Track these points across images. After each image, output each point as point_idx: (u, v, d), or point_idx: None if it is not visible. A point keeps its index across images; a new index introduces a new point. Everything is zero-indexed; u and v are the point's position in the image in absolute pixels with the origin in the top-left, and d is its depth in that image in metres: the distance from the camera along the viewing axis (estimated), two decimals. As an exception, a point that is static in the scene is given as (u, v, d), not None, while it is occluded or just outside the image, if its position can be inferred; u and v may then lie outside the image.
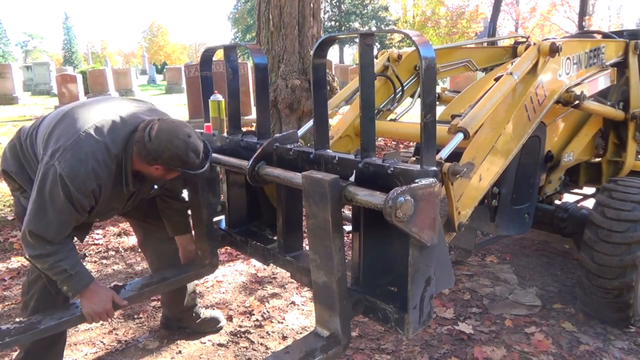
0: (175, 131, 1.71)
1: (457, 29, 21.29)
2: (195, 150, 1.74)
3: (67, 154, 1.67)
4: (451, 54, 2.94)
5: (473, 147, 1.86)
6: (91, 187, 1.70)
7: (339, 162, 1.44)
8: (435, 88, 1.28)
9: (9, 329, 1.70)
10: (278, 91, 5.49)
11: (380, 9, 36.84)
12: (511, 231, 2.44)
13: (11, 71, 15.10)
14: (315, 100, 1.49)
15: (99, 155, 1.70)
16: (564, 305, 2.76)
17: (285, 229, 1.75)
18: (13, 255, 3.60)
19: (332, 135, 2.31)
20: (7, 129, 8.98)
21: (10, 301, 2.93)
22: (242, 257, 3.47)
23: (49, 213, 1.69)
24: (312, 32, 5.63)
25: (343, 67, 17.29)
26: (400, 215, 1.12)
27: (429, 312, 1.34)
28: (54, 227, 1.72)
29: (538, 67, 2.09)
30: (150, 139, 1.70)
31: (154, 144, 1.69)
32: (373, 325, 2.54)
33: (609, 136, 3.00)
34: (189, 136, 1.73)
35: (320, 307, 1.45)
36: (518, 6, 25.79)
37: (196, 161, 1.75)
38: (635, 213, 2.28)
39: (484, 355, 2.30)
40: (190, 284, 2.44)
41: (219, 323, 2.58)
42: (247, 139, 1.88)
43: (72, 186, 1.65)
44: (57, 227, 1.73)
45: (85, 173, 1.67)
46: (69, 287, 1.81)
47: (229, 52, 1.91)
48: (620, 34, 3.03)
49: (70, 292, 1.84)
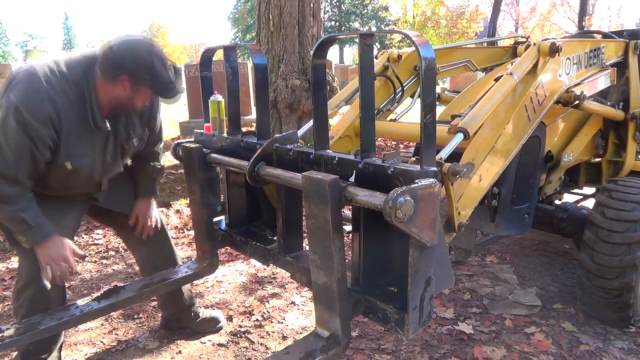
0: (138, 41, 1.70)
1: (457, 29, 21.29)
2: (160, 58, 1.68)
3: (20, 85, 1.63)
4: (451, 54, 2.94)
5: (473, 148, 1.86)
6: (46, 111, 1.63)
7: (339, 162, 1.43)
8: (435, 88, 1.28)
9: (9, 329, 1.70)
10: (278, 91, 5.48)
11: (380, 9, 36.83)
12: (511, 231, 2.44)
13: (11, 71, 15.07)
14: (315, 101, 1.49)
15: (54, 81, 1.66)
16: (564, 305, 2.76)
17: (285, 229, 1.75)
18: (13, 255, 3.60)
19: (332, 135, 2.31)
20: (7, 129, 8.96)
21: (10, 301, 2.93)
22: (242, 257, 3.47)
23: (4, 147, 1.63)
24: (312, 32, 5.62)
25: (343, 67, 17.29)
26: (400, 216, 1.12)
27: (429, 312, 1.34)
28: (12, 162, 1.64)
29: (538, 67, 2.09)
30: (112, 51, 1.65)
31: (116, 53, 1.64)
32: (373, 325, 2.54)
33: (609, 136, 3.00)
34: (152, 46, 1.71)
35: (320, 308, 1.45)
36: (518, 6, 25.79)
37: (164, 73, 1.69)
38: (635, 213, 2.28)
39: (484, 355, 2.30)
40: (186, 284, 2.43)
41: (219, 323, 2.58)
42: (247, 139, 1.88)
43: (26, 113, 1.60)
44: (15, 162, 1.65)
45: (39, 98, 1.62)
46: (27, 238, 1.75)
47: (229, 53, 1.91)
48: (620, 34, 3.03)
49: (28, 244, 1.77)
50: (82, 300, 1.86)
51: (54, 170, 1.80)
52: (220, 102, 3.87)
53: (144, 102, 1.83)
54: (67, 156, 1.77)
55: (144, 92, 1.75)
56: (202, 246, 2.09)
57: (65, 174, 1.82)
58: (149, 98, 1.82)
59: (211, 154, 1.93)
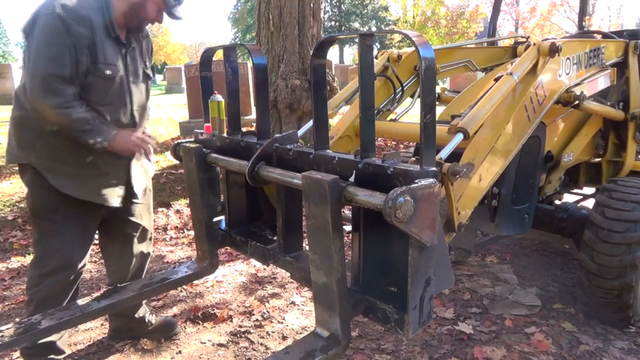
0: None
1: (457, 29, 21.26)
2: None
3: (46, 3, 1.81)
4: (451, 54, 2.94)
5: (473, 148, 1.86)
6: (81, 13, 1.82)
7: (339, 162, 1.43)
8: (435, 88, 1.27)
9: (9, 329, 1.70)
10: (278, 91, 5.48)
11: (380, 9, 36.83)
12: (511, 231, 2.44)
13: (11, 71, 15.10)
14: (315, 101, 1.49)
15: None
16: (564, 305, 2.76)
17: (285, 229, 1.75)
18: (13, 255, 3.60)
19: (332, 135, 2.31)
20: (7, 129, 8.98)
21: (10, 301, 2.93)
22: (242, 257, 3.47)
23: (52, 50, 1.77)
24: (312, 32, 5.62)
25: (343, 67, 17.29)
26: (400, 216, 1.12)
27: (428, 312, 1.34)
28: (64, 61, 1.79)
29: (538, 67, 2.09)
30: None
31: None
32: (373, 325, 2.54)
33: (609, 136, 3.00)
34: None
35: (320, 308, 1.44)
36: (518, 6, 25.79)
37: None
38: (635, 213, 2.28)
39: (484, 355, 2.30)
40: None
41: (173, 329, 2.51)
42: (247, 139, 1.87)
43: (64, 14, 1.77)
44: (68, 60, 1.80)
45: (72, 4, 1.82)
46: (97, 139, 1.88)
47: (229, 53, 1.91)
48: (620, 34, 3.03)
49: (106, 141, 1.90)
50: (82, 300, 1.86)
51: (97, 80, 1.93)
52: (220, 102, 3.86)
53: (155, 13, 2.03)
54: (104, 62, 1.92)
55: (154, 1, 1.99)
56: (202, 246, 2.09)
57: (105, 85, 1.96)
58: (158, 7, 2.03)
59: (211, 154, 1.93)
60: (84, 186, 1.98)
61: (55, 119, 1.85)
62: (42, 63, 1.77)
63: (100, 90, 1.96)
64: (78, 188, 1.97)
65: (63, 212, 1.97)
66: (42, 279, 2.00)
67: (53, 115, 1.84)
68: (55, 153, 1.94)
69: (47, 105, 1.80)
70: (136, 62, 2.11)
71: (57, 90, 1.79)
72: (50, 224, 1.97)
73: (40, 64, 1.78)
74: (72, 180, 1.96)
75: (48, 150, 1.94)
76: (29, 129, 1.95)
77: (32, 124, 1.93)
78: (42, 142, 1.93)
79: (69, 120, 1.84)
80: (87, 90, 1.91)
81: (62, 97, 1.80)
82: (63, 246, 1.98)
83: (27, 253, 3.63)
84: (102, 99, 1.97)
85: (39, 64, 1.78)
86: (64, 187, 1.94)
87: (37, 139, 1.94)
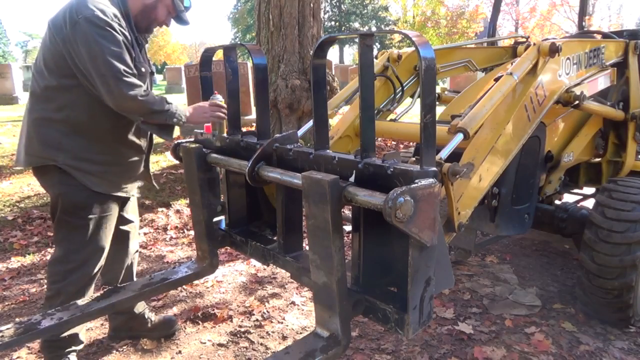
0: None
1: (457, 29, 21.26)
2: None
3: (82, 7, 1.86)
4: (451, 54, 2.94)
5: (473, 148, 1.86)
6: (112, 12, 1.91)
7: (339, 162, 1.43)
8: (435, 88, 1.27)
9: (9, 329, 1.70)
10: (278, 91, 5.48)
11: (380, 9, 36.82)
12: (511, 231, 2.44)
13: (11, 71, 15.09)
14: (315, 101, 1.49)
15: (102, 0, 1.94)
16: (564, 305, 2.76)
17: (285, 229, 1.75)
18: (13, 255, 3.60)
19: (332, 135, 2.31)
20: (7, 128, 8.98)
21: (10, 301, 2.93)
22: (242, 257, 3.47)
23: (116, 50, 1.86)
24: (312, 32, 5.62)
25: (343, 67, 17.29)
26: (400, 216, 1.11)
27: (428, 312, 1.34)
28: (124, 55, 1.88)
29: (538, 67, 2.09)
30: None
31: None
32: (373, 325, 2.54)
33: (609, 136, 3.00)
34: None
35: (320, 308, 1.44)
36: (518, 6, 25.80)
37: None
38: (635, 213, 2.28)
39: (484, 355, 2.30)
40: None
41: (173, 327, 2.53)
42: (247, 139, 1.87)
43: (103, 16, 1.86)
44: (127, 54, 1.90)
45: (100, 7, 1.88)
46: (177, 115, 2.03)
47: (229, 53, 1.91)
48: (620, 34, 3.03)
49: (182, 118, 2.05)
50: (82, 301, 1.86)
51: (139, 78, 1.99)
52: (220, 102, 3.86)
53: (164, 16, 2.14)
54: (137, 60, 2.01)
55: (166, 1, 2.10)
56: (202, 246, 2.09)
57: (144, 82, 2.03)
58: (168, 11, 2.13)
59: (211, 154, 1.93)
60: (110, 181, 2.08)
61: (144, 108, 1.93)
62: (107, 64, 1.83)
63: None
64: (105, 184, 2.06)
65: (91, 208, 2.05)
66: (68, 274, 2.06)
67: (142, 104, 1.91)
68: (82, 152, 2.00)
69: (133, 97, 1.87)
70: (148, 59, 2.22)
71: (132, 83, 1.88)
72: (79, 220, 2.04)
73: (111, 65, 1.84)
74: (100, 177, 2.04)
75: (74, 149, 1.99)
76: (53, 130, 1.98)
77: (57, 125, 1.97)
78: (68, 142, 1.98)
79: (152, 102, 1.95)
80: None
81: (139, 86, 1.90)
82: (91, 241, 2.06)
83: (27, 253, 3.63)
84: None
85: (105, 66, 1.83)
86: (93, 185, 2.02)
87: (62, 139, 1.98)
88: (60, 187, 2.02)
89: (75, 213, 2.04)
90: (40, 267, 3.42)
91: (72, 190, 2.01)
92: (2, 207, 4.38)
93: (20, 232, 3.95)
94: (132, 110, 1.95)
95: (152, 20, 2.13)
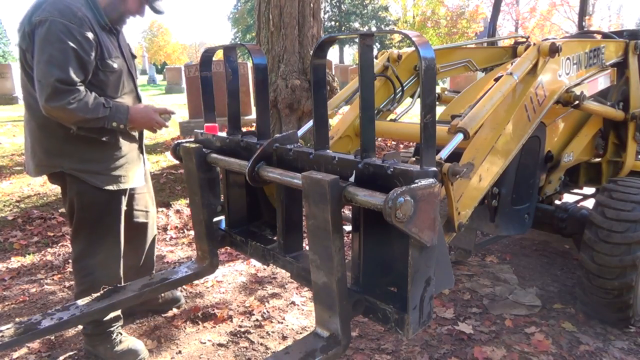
0: None
1: (457, 29, 21.26)
2: None
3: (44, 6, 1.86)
4: (451, 54, 2.94)
5: (473, 148, 1.86)
6: (80, 15, 1.89)
7: (339, 162, 1.43)
8: (435, 88, 1.27)
9: (9, 329, 1.70)
10: (278, 91, 5.48)
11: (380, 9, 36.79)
12: (511, 231, 2.44)
13: (11, 71, 15.09)
14: (315, 101, 1.49)
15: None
16: (564, 305, 2.76)
17: (285, 229, 1.75)
18: (13, 255, 3.60)
19: (332, 135, 2.31)
20: (7, 128, 8.98)
21: (10, 301, 2.93)
22: (242, 257, 3.47)
23: (59, 56, 1.83)
24: (312, 32, 5.62)
25: (343, 67, 17.28)
26: (400, 216, 1.12)
27: (428, 312, 1.34)
28: (73, 65, 1.86)
29: (538, 67, 2.09)
30: None
31: None
32: (373, 325, 2.54)
33: (609, 136, 3.00)
34: None
35: (320, 308, 1.44)
36: (518, 6, 25.77)
37: None
38: (635, 213, 2.28)
39: (484, 355, 2.30)
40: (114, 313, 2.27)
41: (179, 301, 2.70)
42: (247, 139, 1.87)
43: (64, 20, 1.84)
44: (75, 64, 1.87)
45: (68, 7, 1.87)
46: (117, 119, 1.99)
47: (229, 53, 1.91)
48: (620, 34, 3.03)
49: (122, 124, 2.00)
50: (82, 300, 1.86)
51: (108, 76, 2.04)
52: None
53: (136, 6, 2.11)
54: (109, 56, 2.02)
55: None
56: (202, 246, 2.09)
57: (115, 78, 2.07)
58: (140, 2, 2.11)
59: (211, 154, 1.93)
60: (118, 176, 2.16)
61: (73, 117, 1.91)
62: (48, 71, 1.83)
63: (113, 84, 2.08)
64: (113, 180, 2.14)
65: (106, 204, 2.16)
66: (98, 266, 2.19)
67: (70, 113, 1.88)
68: (84, 154, 2.06)
69: (59, 105, 1.85)
70: (126, 46, 2.23)
71: (66, 91, 1.86)
72: (97, 215, 2.15)
73: (47, 72, 1.83)
74: (106, 175, 2.12)
75: (77, 153, 2.05)
76: (53, 137, 2.03)
77: (54, 132, 2.01)
78: (68, 148, 2.04)
79: (85, 111, 1.90)
80: (102, 87, 2.02)
81: (72, 93, 1.87)
82: (111, 234, 2.20)
83: (27, 253, 3.63)
84: (116, 92, 2.10)
85: (46, 72, 1.83)
86: (103, 183, 2.11)
87: (62, 145, 2.03)
88: (74, 189, 2.11)
89: (92, 210, 2.14)
90: (40, 267, 3.43)
91: (85, 190, 2.10)
92: (2, 207, 4.38)
93: (20, 232, 3.95)
94: (60, 119, 1.92)
95: (124, 11, 2.12)
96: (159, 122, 2.17)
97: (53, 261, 3.51)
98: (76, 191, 2.12)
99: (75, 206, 2.14)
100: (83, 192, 2.12)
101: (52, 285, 3.15)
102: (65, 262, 3.50)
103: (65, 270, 3.39)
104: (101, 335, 2.28)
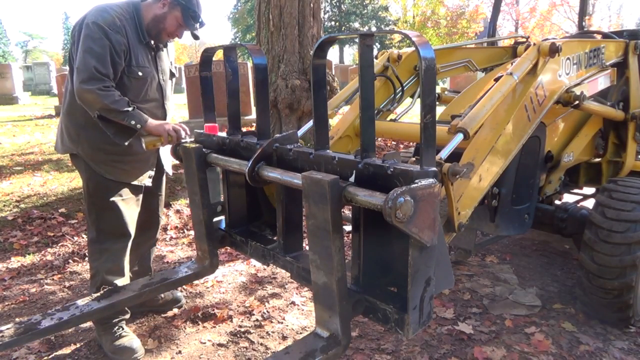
0: None
1: (457, 29, 21.26)
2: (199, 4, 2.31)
3: (92, 12, 2.15)
4: (451, 54, 2.94)
5: (473, 148, 1.86)
6: (118, 24, 2.15)
7: (339, 162, 1.43)
8: (435, 88, 1.27)
9: (9, 329, 1.70)
10: (278, 91, 5.48)
11: (380, 9, 36.77)
12: (511, 231, 2.44)
13: (11, 71, 15.08)
14: (315, 101, 1.49)
15: (114, 6, 2.20)
16: (564, 305, 2.76)
17: (285, 229, 1.75)
18: (13, 255, 3.60)
19: (332, 135, 2.31)
20: (7, 128, 8.98)
21: (10, 301, 2.93)
22: (242, 257, 3.47)
23: (98, 50, 2.09)
24: (312, 32, 5.62)
25: (343, 67, 17.29)
26: (400, 216, 1.12)
27: (428, 312, 1.34)
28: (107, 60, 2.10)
29: (538, 67, 2.09)
30: None
31: None
32: (373, 325, 2.54)
33: (609, 136, 3.00)
34: None
35: (320, 308, 1.45)
36: (518, 6, 25.77)
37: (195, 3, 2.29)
38: (635, 213, 2.28)
39: (484, 355, 2.30)
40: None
41: (180, 301, 2.79)
42: (247, 139, 1.87)
43: (104, 24, 2.11)
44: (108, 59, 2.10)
45: (110, 16, 2.15)
46: (136, 119, 2.15)
47: (229, 53, 1.91)
48: (620, 34, 3.03)
49: (139, 124, 2.16)
50: (82, 300, 1.86)
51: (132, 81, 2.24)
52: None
53: (174, 27, 2.31)
54: (136, 65, 2.23)
55: (176, 13, 2.27)
56: (202, 246, 2.09)
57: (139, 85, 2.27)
58: (178, 23, 2.30)
59: (211, 154, 1.93)
60: (122, 170, 2.30)
61: (99, 102, 2.08)
62: (87, 60, 2.07)
63: (135, 90, 2.25)
64: (117, 172, 2.29)
65: (110, 193, 2.29)
66: (103, 252, 2.32)
67: (97, 98, 2.07)
68: (96, 142, 2.25)
69: (92, 88, 2.06)
70: (164, 63, 2.43)
71: (99, 78, 2.07)
72: (104, 202, 2.29)
73: (86, 60, 2.07)
74: (111, 166, 2.28)
75: (89, 140, 2.25)
76: (75, 123, 2.26)
77: (78, 119, 2.24)
78: (84, 135, 2.25)
79: (111, 100, 2.09)
80: (124, 90, 2.19)
81: (103, 82, 2.08)
82: (116, 223, 2.32)
83: (27, 253, 3.63)
84: (137, 97, 2.27)
85: (85, 60, 2.07)
86: (105, 172, 2.27)
87: (80, 131, 2.26)
88: (85, 173, 2.31)
89: (99, 196, 2.30)
90: (40, 267, 3.43)
91: (93, 175, 2.29)
92: (2, 207, 4.37)
93: (20, 232, 3.95)
94: (88, 101, 2.10)
95: (161, 29, 2.31)
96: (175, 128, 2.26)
97: (53, 261, 3.51)
98: (86, 176, 2.31)
99: (84, 190, 2.36)
100: (90, 177, 2.30)
101: (52, 285, 3.15)
102: (65, 262, 3.50)
103: (65, 270, 3.39)
104: (105, 325, 2.36)
